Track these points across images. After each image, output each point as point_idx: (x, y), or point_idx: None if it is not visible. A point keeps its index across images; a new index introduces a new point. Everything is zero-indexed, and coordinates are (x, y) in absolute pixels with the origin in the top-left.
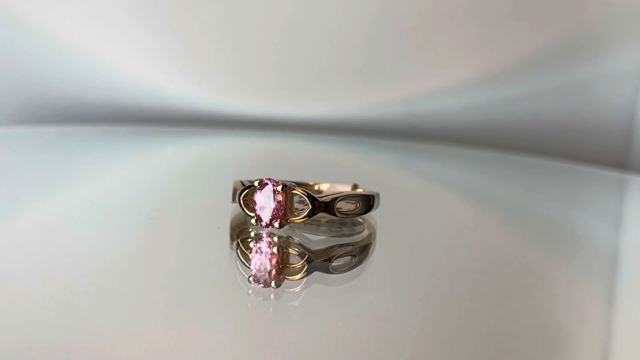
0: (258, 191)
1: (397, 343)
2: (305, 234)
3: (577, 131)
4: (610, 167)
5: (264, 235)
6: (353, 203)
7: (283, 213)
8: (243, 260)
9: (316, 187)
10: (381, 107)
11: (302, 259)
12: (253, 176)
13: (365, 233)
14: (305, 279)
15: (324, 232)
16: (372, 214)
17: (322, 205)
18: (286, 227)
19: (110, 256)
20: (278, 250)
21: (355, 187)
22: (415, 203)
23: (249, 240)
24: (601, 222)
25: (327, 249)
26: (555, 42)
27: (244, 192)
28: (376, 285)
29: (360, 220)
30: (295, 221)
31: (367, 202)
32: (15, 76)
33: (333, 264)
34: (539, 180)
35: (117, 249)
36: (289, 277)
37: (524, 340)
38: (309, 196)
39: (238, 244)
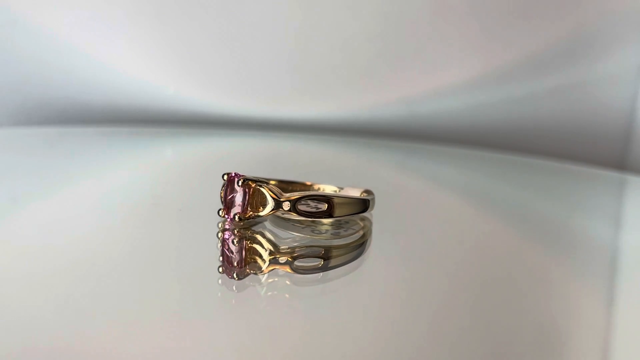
0: (227, 185)
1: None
2: (275, 230)
3: (576, 132)
4: (609, 168)
5: (228, 227)
6: (322, 204)
7: (245, 207)
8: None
9: (320, 189)
10: (381, 108)
11: (265, 255)
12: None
13: (357, 235)
14: (266, 275)
15: (304, 232)
16: (371, 212)
17: (283, 203)
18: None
19: (109, 256)
20: (238, 243)
21: (366, 192)
22: (414, 203)
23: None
24: (600, 222)
25: (294, 248)
26: (555, 43)
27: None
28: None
29: (358, 222)
30: (254, 216)
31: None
32: (15, 77)
33: (296, 263)
34: (538, 181)
35: (116, 248)
36: (251, 271)
37: (522, 339)
38: (271, 193)
39: (217, 237)
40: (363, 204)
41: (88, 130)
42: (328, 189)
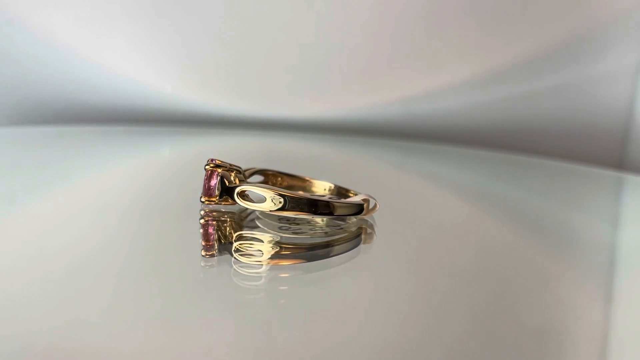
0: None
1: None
2: (247, 221)
3: (575, 131)
4: (607, 167)
5: (202, 208)
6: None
7: (212, 191)
8: None
9: (315, 185)
10: (380, 108)
11: (224, 240)
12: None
13: (344, 234)
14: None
15: (269, 227)
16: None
17: (234, 192)
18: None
19: (107, 254)
20: (205, 224)
21: (365, 200)
22: (412, 202)
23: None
24: (598, 221)
25: (240, 236)
26: (553, 43)
27: None
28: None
29: (349, 221)
30: (217, 201)
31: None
32: (12, 77)
33: (233, 249)
34: (535, 180)
35: (113, 246)
36: (211, 252)
37: (519, 337)
38: (226, 180)
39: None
40: (315, 206)
41: (85, 129)
42: (324, 185)
